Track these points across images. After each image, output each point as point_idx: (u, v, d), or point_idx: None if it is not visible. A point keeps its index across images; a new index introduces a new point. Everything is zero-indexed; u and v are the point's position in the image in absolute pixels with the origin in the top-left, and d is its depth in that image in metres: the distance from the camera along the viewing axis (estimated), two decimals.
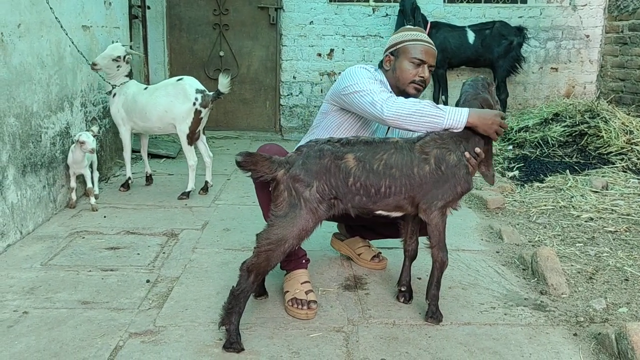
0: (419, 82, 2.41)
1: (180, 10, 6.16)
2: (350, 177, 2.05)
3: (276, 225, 2.01)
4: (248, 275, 2.03)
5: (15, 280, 2.55)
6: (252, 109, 6.42)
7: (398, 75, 2.43)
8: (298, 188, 2.00)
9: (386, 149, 2.10)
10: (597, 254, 2.92)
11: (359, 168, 2.05)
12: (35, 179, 3.21)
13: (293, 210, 2.00)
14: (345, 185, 2.05)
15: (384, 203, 2.12)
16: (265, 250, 2.01)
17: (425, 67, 2.41)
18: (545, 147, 4.80)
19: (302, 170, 2.02)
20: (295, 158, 2.06)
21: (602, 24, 6.29)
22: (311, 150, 2.07)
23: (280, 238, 2.00)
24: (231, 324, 2.02)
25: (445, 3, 6.26)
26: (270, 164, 2.02)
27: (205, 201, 3.80)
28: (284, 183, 2.01)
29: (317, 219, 2.04)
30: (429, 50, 2.42)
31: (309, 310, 2.26)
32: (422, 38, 2.44)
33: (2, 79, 2.87)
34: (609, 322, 2.24)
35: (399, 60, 2.43)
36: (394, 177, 2.07)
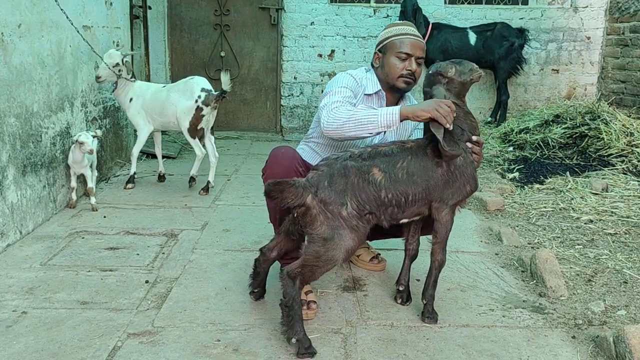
0: (407, 76, 2.41)
1: (182, 10, 6.16)
2: (382, 190, 2.04)
3: (324, 246, 1.97)
4: (293, 282, 2.00)
5: (15, 280, 2.55)
6: (253, 109, 6.42)
7: (387, 71, 2.44)
8: (333, 210, 1.98)
9: (404, 157, 2.10)
10: (597, 256, 2.92)
11: (387, 179, 2.05)
12: (35, 178, 3.21)
13: (337, 232, 1.97)
14: (378, 199, 2.04)
15: (410, 211, 2.13)
16: (312, 265, 2.00)
17: (412, 60, 2.40)
18: (545, 148, 4.79)
19: (331, 192, 1.98)
20: (319, 179, 2.01)
21: (603, 25, 6.29)
22: (334, 169, 2.02)
23: (329, 258, 1.99)
24: (298, 332, 2.00)
25: (447, 4, 6.26)
26: (295, 190, 1.96)
27: (205, 202, 3.80)
28: (316, 208, 1.97)
29: (361, 236, 2.03)
30: (414, 43, 2.40)
31: (309, 310, 2.26)
32: (407, 31, 2.42)
33: (2, 79, 2.87)
34: (607, 324, 2.24)
35: (386, 57, 2.44)
36: (417, 183, 2.09)
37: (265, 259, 2.33)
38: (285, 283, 2.02)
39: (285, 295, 2.01)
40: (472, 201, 3.84)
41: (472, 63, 2.24)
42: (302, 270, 2.00)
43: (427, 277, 2.30)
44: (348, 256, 2.05)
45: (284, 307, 2.02)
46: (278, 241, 2.28)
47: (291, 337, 2.01)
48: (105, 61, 3.81)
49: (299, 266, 2.01)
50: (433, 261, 2.27)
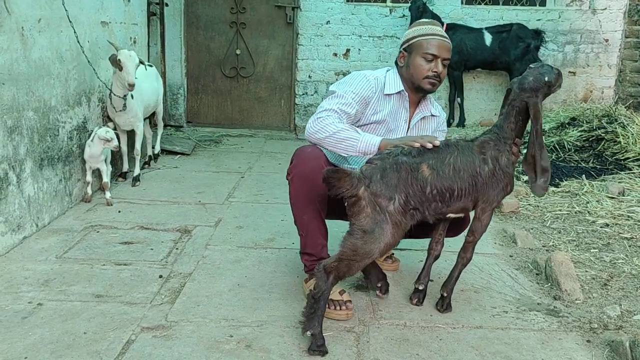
0: (432, 77, 2.36)
1: (198, 8, 6.19)
2: (427, 186, 2.04)
3: (363, 239, 1.98)
4: (327, 277, 2.00)
5: (31, 272, 2.58)
6: (267, 107, 6.43)
7: (412, 72, 2.38)
8: (381, 203, 1.98)
9: (451, 152, 2.11)
10: (612, 260, 2.89)
11: (434, 176, 2.06)
12: (52, 172, 3.24)
13: (380, 226, 1.98)
14: (423, 195, 2.05)
15: (456, 206, 2.14)
16: (350, 259, 2.00)
17: (438, 62, 2.35)
18: (561, 151, 4.75)
19: (382, 185, 1.99)
20: (372, 172, 2.02)
21: (621, 28, 6.22)
22: (387, 163, 2.03)
23: (366, 252, 1.99)
24: (315, 327, 2.00)
25: (463, 4, 6.23)
26: (351, 180, 1.97)
27: (218, 198, 3.81)
28: (366, 199, 1.98)
29: (402, 231, 2.04)
30: (441, 44, 2.35)
31: (348, 311, 2.26)
32: (435, 32, 2.36)
33: (22, 73, 2.91)
34: (623, 329, 2.22)
35: (412, 56, 2.38)
36: (463, 179, 2.10)
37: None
38: (319, 276, 2.01)
39: (317, 287, 2.00)
40: None
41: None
42: (338, 265, 2.00)
43: (452, 271, 2.34)
44: (385, 251, 2.06)
45: (311, 297, 2.01)
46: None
47: (307, 330, 2.01)
48: (131, 64, 3.56)
49: (336, 260, 2.01)
50: (462, 257, 2.31)
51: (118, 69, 3.55)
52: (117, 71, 3.56)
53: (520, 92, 2.19)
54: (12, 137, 2.84)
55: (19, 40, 2.87)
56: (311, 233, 2.34)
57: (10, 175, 2.82)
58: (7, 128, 2.79)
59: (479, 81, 6.37)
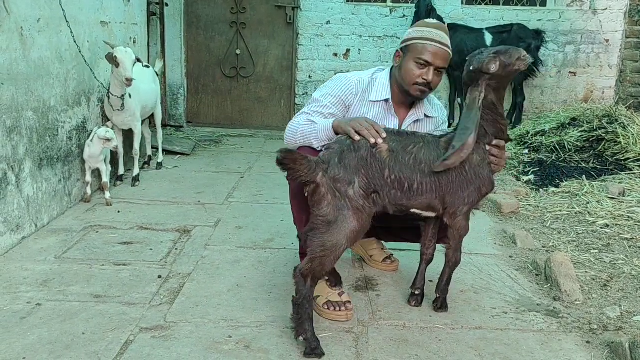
0: (422, 85, 2.27)
1: (198, 8, 6.18)
2: (385, 168, 2.00)
3: (328, 231, 1.93)
4: (305, 280, 1.98)
5: (30, 273, 2.58)
6: (267, 107, 6.43)
7: (402, 75, 2.30)
8: (340, 188, 1.93)
9: (416, 142, 2.06)
10: (612, 261, 2.89)
11: (392, 159, 2.00)
12: (51, 172, 3.24)
13: (341, 213, 1.93)
14: (382, 177, 1.99)
15: (418, 201, 2.07)
16: (320, 256, 1.95)
17: (430, 70, 2.24)
18: (561, 151, 4.75)
19: (340, 169, 1.95)
20: (330, 156, 1.98)
21: (622, 28, 6.21)
22: (344, 145, 2.00)
23: (334, 244, 1.94)
24: (307, 331, 1.98)
25: (464, 5, 6.23)
26: (308, 164, 1.92)
27: (218, 199, 3.81)
28: (325, 186, 1.93)
29: (366, 217, 1.98)
30: (437, 52, 2.23)
31: (348, 312, 2.25)
32: (434, 37, 2.24)
33: (21, 73, 2.90)
34: (623, 330, 2.21)
35: (406, 58, 2.29)
36: (424, 172, 2.03)
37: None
38: (298, 281, 1.99)
39: (297, 292, 1.99)
40: (486, 203, 3.81)
41: (520, 50, 2.09)
42: (311, 265, 1.96)
43: (441, 275, 2.32)
44: (353, 240, 1.99)
45: (295, 304, 2.00)
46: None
47: (299, 335, 2.00)
48: (128, 60, 3.56)
49: (308, 261, 1.97)
50: (447, 261, 2.28)
51: (115, 66, 3.54)
52: (115, 69, 3.56)
53: (464, 84, 2.14)
54: (11, 137, 2.83)
55: (18, 40, 2.87)
56: None
57: (9, 175, 2.82)
58: (6, 128, 2.79)
59: None
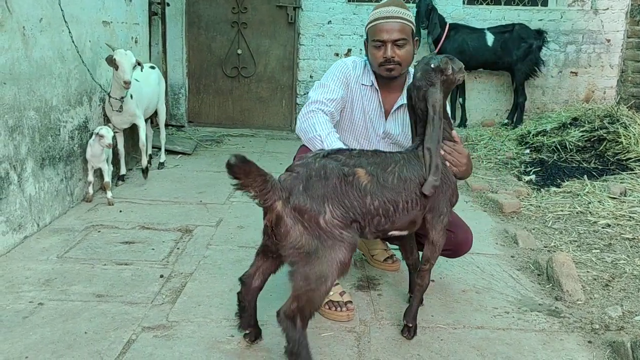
0: (386, 63, 2.27)
1: (200, 7, 6.19)
2: (367, 195, 1.79)
3: (309, 262, 1.69)
4: (293, 323, 1.72)
5: (32, 272, 2.58)
6: (268, 107, 6.43)
7: (370, 61, 2.36)
8: (310, 219, 1.70)
9: (396, 160, 1.91)
10: (614, 260, 2.89)
11: (373, 184, 1.81)
12: (53, 172, 3.24)
13: (321, 242, 1.70)
14: (363, 205, 1.78)
15: (402, 221, 1.91)
16: (306, 291, 1.70)
17: (388, 46, 2.23)
18: (563, 151, 4.75)
19: (306, 198, 1.70)
20: (293, 182, 1.73)
21: (623, 28, 6.21)
22: (311, 170, 1.75)
23: (320, 275, 1.69)
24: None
25: (465, 5, 6.23)
26: (263, 184, 1.67)
27: (220, 198, 3.81)
28: (290, 217, 1.69)
29: (349, 246, 1.74)
30: (387, 27, 2.21)
31: (349, 312, 2.24)
32: (382, 15, 2.24)
33: (23, 73, 2.91)
34: (624, 330, 2.21)
35: (368, 46, 2.35)
36: (409, 190, 1.88)
37: (247, 290, 1.96)
38: (285, 326, 1.72)
39: (289, 340, 1.72)
40: (487, 203, 3.82)
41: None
42: (298, 304, 1.71)
43: (411, 301, 2.15)
44: (342, 270, 1.74)
45: (290, 354, 1.72)
46: (258, 265, 1.95)
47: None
48: (128, 63, 3.54)
49: (293, 300, 1.71)
50: (420, 285, 2.11)
51: (114, 68, 3.54)
52: (114, 71, 3.56)
53: (417, 89, 1.99)
54: (14, 137, 2.84)
55: (20, 39, 2.87)
56: None
57: (12, 175, 2.82)
58: (9, 127, 2.79)
59: (481, 81, 6.37)
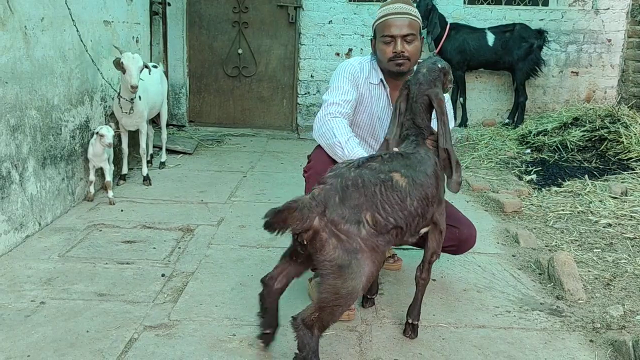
0: (395, 58, 2.30)
1: (201, 7, 6.19)
2: (407, 197, 1.79)
3: (342, 276, 1.66)
4: (310, 331, 1.70)
5: (33, 271, 2.58)
6: (269, 107, 6.43)
7: (379, 57, 2.38)
8: (347, 231, 1.67)
9: (419, 159, 1.91)
10: (615, 260, 2.89)
11: (410, 185, 1.81)
12: (54, 171, 3.25)
13: (355, 256, 1.67)
14: (404, 208, 1.78)
15: (428, 216, 1.92)
16: (332, 305, 1.68)
17: (397, 41, 2.27)
18: (564, 151, 4.75)
19: (343, 210, 1.68)
20: (327, 195, 1.70)
21: (624, 28, 6.20)
22: (346, 181, 1.73)
23: (350, 291, 1.67)
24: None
25: (466, 4, 6.22)
26: (300, 214, 1.65)
27: (221, 197, 3.81)
28: (325, 231, 1.66)
29: (381, 256, 1.77)
30: (397, 23, 2.26)
31: (350, 312, 2.24)
32: (391, 11, 2.29)
33: (25, 72, 2.91)
34: (626, 329, 2.22)
35: (377, 42, 2.38)
36: (432, 185, 1.89)
37: (269, 291, 1.94)
38: (301, 334, 1.71)
39: (303, 348, 1.71)
40: (489, 202, 3.82)
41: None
42: (320, 315, 1.69)
43: (415, 296, 2.12)
44: (370, 281, 1.74)
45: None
46: (283, 268, 1.93)
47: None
48: (135, 66, 3.55)
49: (316, 309, 1.70)
50: (423, 279, 2.08)
51: (121, 72, 3.56)
52: (121, 74, 3.59)
53: (419, 86, 2.00)
54: (15, 136, 2.84)
55: (22, 39, 2.87)
56: None
57: (13, 174, 2.83)
58: (10, 127, 2.80)
59: (482, 81, 6.36)
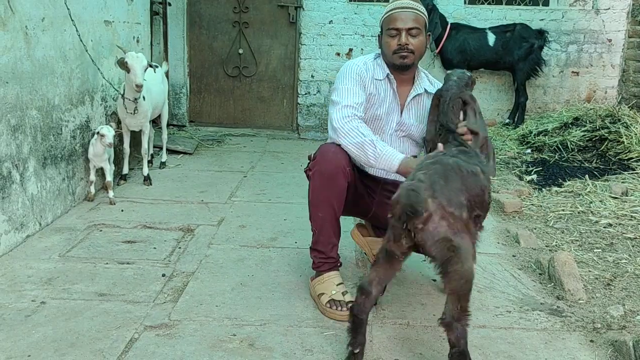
0: (399, 50, 2.33)
1: (201, 7, 6.19)
2: (486, 192, 1.91)
3: (460, 259, 1.69)
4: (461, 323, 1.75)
5: (34, 271, 2.58)
6: (270, 107, 6.43)
7: (384, 50, 2.41)
8: (453, 213, 1.70)
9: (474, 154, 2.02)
10: (616, 260, 2.89)
11: (486, 179, 1.94)
12: (55, 171, 3.25)
13: (463, 237, 1.72)
14: (483, 201, 1.90)
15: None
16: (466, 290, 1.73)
17: (402, 33, 2.31)
18: (564, 151, 4.75)
19: (450, 192, 1.73)
20: (432, 177, 1.75)
21: (625, 28, 6.20)
22: (447, 166, 1.81)
23: (471, 271, 1.73)
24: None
25: (466, 4, 6.22)
26: (416, 194, 1.69)
27: (221, 197, 3.81)
28: (437, 213, 1.69)
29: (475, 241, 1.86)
30: (402, 17, 2.32)
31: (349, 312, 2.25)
32: (396, 6, 2.34)
33: (25, 72, 2.91)
34: (626, 329, 2.21)
35: (382, 36, 2.42)
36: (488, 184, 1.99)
37: (366, 298, 1.86)
38: (460, 330, 1.74)
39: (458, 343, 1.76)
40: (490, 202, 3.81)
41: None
42: (460, 304, 1.72)
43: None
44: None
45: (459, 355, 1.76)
46: (376, 273, 1.88)
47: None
48: (139, 65, 3.57)
49: (455, 301, 1.72)
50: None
51: (125, 71, 3.57)
52: (125, 74, 3.60)
53: (451, 91, 2.19)
54: (16, 136, 2.84)
55: (22, 39, 2.87)
56: (324, 231, 2.35)
57: (14, 174, 2.83)
58: (11, 127, 2.80)
59: (482, 81, 6.36)
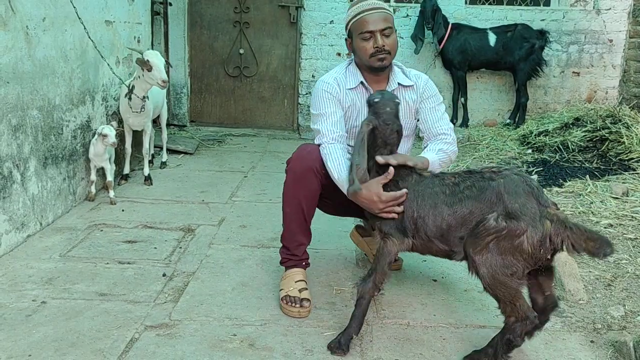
0: (377, 52, 2.28)
1: (202, 7, 6.19)
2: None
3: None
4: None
5: (35, 271, 2.58)
6: (271, 107, 6.43)
7: (359, 55, 2.34)
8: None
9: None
10: (616, 260, 2.88)
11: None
12: (55, 171, 3.25)
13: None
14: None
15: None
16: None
17: (377, 35, 2.25)
18: (565, 151, 4.74)
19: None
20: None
21: (626, 28, 6.20)
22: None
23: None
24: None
25: (467, 4, 6.22)
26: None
27: (222, 198, 3.82)
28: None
29: None
30: (373, 19, 2.25)
31: (302, 309, 2.25)
32: (364, 8, 2.27)
33: (26, 72, 2.91)
34: (627, 329, 2.21)
35: (354, 41, 2.34)
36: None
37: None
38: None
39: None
40: None
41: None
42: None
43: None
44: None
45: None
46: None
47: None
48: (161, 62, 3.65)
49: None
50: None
51: (147, 69, 3.59)
52: (145, 72, 3.61)
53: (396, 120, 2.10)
54: (17, 136, 2.84)
55: (23, 39, 2.88)
56: (290, 228, 2.37)
57: (15, 174, 2.83)
58: (12, 127, 2.80)
59: (483, 81, 6.36)
